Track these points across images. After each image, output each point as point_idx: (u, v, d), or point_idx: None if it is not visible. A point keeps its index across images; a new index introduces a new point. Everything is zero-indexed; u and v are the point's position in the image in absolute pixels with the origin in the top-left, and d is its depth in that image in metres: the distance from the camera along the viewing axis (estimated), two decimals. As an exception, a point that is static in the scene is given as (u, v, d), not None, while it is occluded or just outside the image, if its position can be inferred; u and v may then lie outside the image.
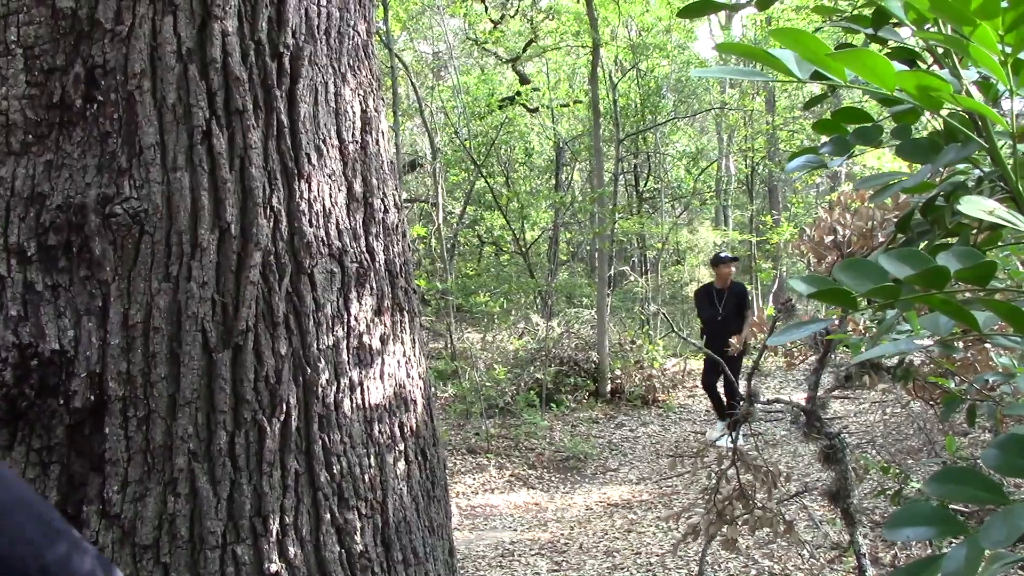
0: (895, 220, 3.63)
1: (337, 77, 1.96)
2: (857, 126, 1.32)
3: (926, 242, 1.23)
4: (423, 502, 2.00)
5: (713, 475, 3.78)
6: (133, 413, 1.61)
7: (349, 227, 1.91)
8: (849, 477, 3.40)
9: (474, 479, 8.76)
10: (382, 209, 2.02)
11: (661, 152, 20.79)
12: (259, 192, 1.74)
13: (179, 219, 1.67)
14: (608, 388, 12.06)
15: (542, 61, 19.44)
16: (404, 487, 1.93)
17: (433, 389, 2.31)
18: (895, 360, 3.29)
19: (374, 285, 1.95)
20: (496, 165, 18.08)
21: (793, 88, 20.13)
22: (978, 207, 0.81)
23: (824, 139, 1.42)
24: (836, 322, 3.27)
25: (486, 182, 16.80)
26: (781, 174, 21.50)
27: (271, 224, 1.75)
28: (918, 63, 1.31)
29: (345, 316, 1.85)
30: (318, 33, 1.91)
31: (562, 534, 6.93)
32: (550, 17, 17.31)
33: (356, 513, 1.79)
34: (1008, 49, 0.82)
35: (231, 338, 1.66)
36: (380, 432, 1.89)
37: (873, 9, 1.10)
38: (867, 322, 3.44)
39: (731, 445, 8.78)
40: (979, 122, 1.01)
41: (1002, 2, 0.80)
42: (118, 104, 1.64)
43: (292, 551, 1.68)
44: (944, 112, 1.02)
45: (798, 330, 0.87)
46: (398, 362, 2.00)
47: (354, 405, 1.84)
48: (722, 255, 10.41)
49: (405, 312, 2.07)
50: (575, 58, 19.05)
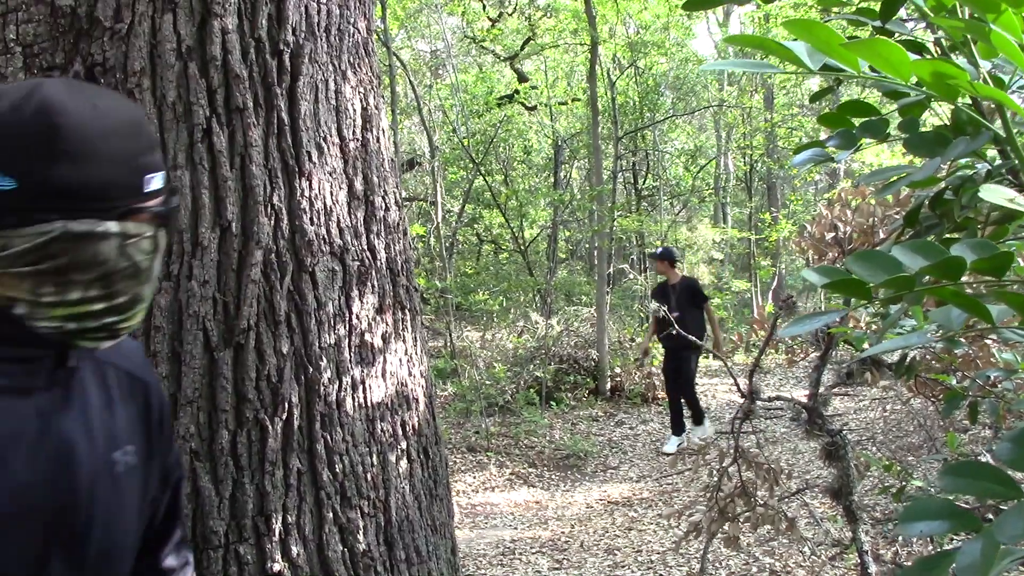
0: (896, 216, 3.63)
1: (337, 74, 1.95)
2: (864, 119, 1.31)
3: (933, 236, 1.22)
4: (426, 501, 1.99)
5: (715, 473, 3.77)
6: (134, 412, 1.60)
7: (350, 225, 1.90)
8: (851, 474, 3.40)
9: (474, 477, 8.75)
10: (383, 207, 2.02)
11: (660, 150, 20.81)
12: (260, 190, 1.73)
13: (179, 217, 1.66)
14: (608, 386, 12.06)
15: (540, 59, 19.43)
16: (406, 486, 1.92)
17: (434, 387, 2.31)
18: (896, 356, 3.29)
19: (375, 283, 1.94)
20: (495, 163, 18.09)
21: (792, 85, 20.14)
22: (999, 195, 0.81)
23: (824, 133, 1.41)
24: (847, 313, 3.27)
25: (485, 180, 16.81)
26: (780, 171, 21.52)
27: (272, 222, 1.74)
28: (925, 56, 1.30)
29: (347, 314, 1.85)
30: (318, 30, 1.91)
31: (563, 532, 6.92)
32: (548, 15, 17.31)
33: (359, 512, 1.78)
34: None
35: (233, 337, 1.65)
36: (382, 431, 1.88)
37: (881, 1, 1.10)
38: (867, 318, 3.44)
39: (675, 449, 8.78)
40: (995, 113, 1.00)
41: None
42: (118, 102, 1.63)
43: (295, 550, 1.67)
44: (952, 105, 1.02)
45: (810, 321, 0.86)
46: (400, 360, 2.00)
47: (356, 403, 1.83)
48: (655, 251, 10.43)
49: (406, 310, 2.07)
50: (573, 56, 19.05)
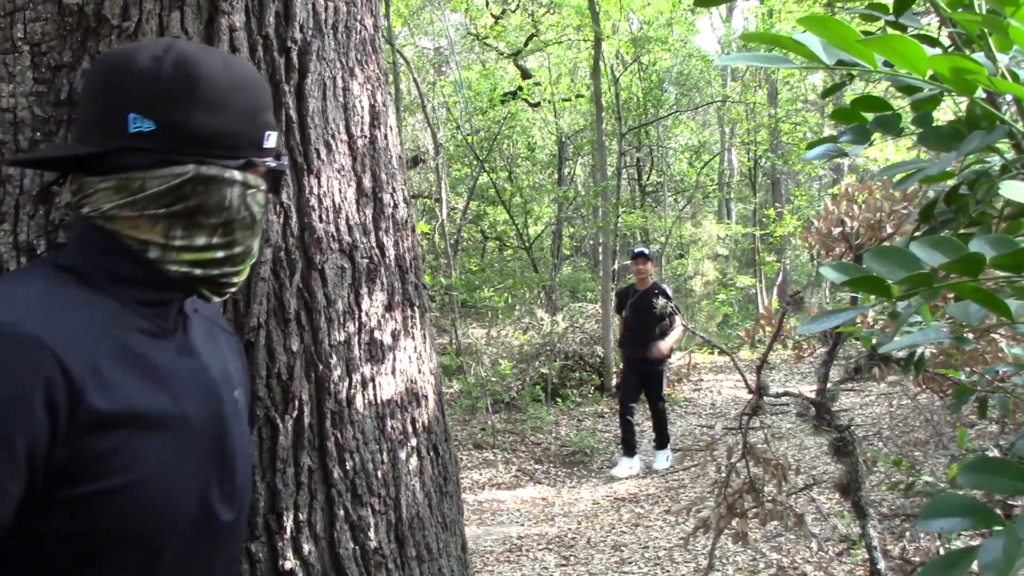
0: (904, 211, 3.62)
1: (345, 72, 1.95)
2: (877, 114, 1.31)
3: (949, 231, 1.21)
4: (436, 498, 1.99)
5: (722, 469, 3.77)
6: (145, 411, 1.60)
7: (359, 222, 1.90)
8: (860, 470, 3.39)
9: (480, 474, 8.77)
10: (391, 204, 2.01)
11: (663, 146, 20.79)
12: (269, 188, 1.73)
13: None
14: (613, 382, 12.05)
15: (544, 55, 19.42)
16: (417, 483, 1.92)
17: (442, 385, 2.31)
18: (905, 352, 3.28)
19: (384, 280, 1.94)
20: (499, 160, 18.07)
21: (796, 80, 20.11)
22: (1020, 192, 0.80)
23: (829, 128, 1.40)
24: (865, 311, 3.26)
25: (489, 177, 16.80)
26: (784, 167, 21.49)
27: (281, 220, 1.74)
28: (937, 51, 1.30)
29: (356, 312, 1.84)
30: (325, 28, 1.90)
31: (569, 528, 6.93)
32: (551, 11, 17.29)
33: (370, 509, 1.78)
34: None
35: (243, 335, 1.65)
36: (392, 428, 1.88)
37: (895, -5, 1.09)
38: (874, 314, 3.43)
39: (626, 474, 8.24)
40: (1015, 106, 1.00)
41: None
42: (126, 100, 1.62)
43: (307, 548, 1.67)
44: (969, 99, 1.01)
45: (828, 319, 0.86)
46: (409, 357, 1.99)
47: (366, 401, 1.83)
48: (635, 250, 9.18)
49: (415, 307, 2.06)
50: (576, 52, 19.03)
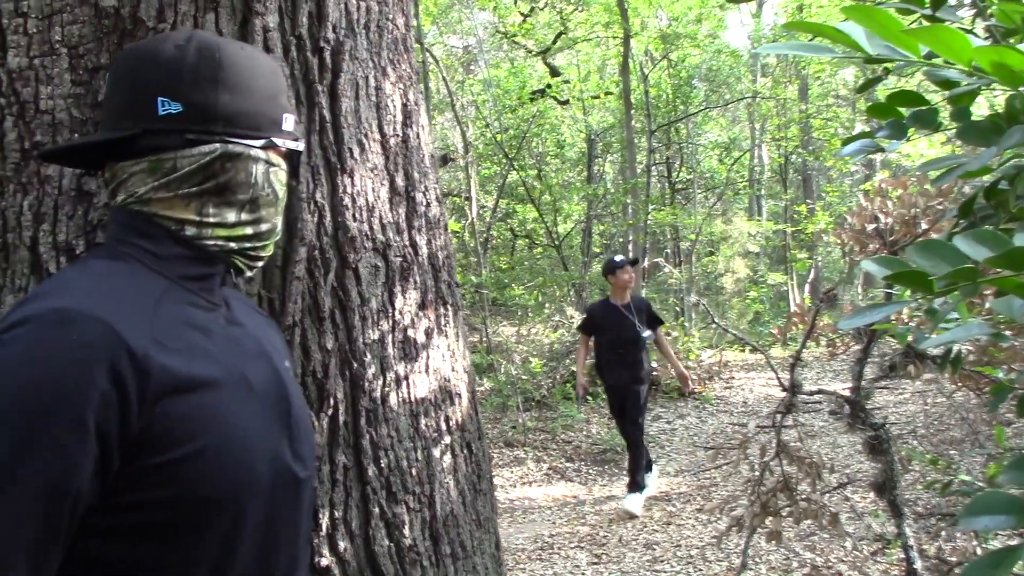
0: (939, 207, 3.58)
1: (377, 71, 1.95)
2: (913, 109, 1.29)
3: (988, 227, 1.20)
4: (470, 496, 2.00)
5: (755, 467, 3.75)
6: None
7: (392, 221, 1.90)
8: (895, 468, 3.36)
9: (512, 472, 8.77)
10: (424, 203, 2.02)
11: (693, 143, 20.69)
12: (303, 187, 1.74)
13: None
14: (644, 381, 12.00)
15: (572, 53, 19.39)
16: (451, 481, 1.93)
17: (475, 383, 2.31)
18: (941, 349, 3.25)
19: (418, 279, 1.95)
20: (528, 158, 18.07)
21: (827, 76, 19.94)
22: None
23: (861, 123, 1.39)
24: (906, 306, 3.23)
25: (518, 175, 16.80)
26: (815, 163, 21.33)
27: (315, 219, 1.75)
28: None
29: (390, 310, 1.85)
30: (358, 27, 1.91)
31: (601, 527, 6.92)
32: (580, 8, 17.26)
33: (404, 507, 1.79)
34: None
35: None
36: (426, 426, 1.88)
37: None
38: (908, 311, 3.40)
39: (641, 510, 7.07)
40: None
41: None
42: (162, 102, 1.64)
43: (342, 545, 1.68)
44: (1006, 93, 1.00)
45: (869, 314, 0.85)
46: (442, 356, 2.00)
47: (400, 399, 1.83)
48: (618, 258, 7.76)
49: (448, 305, 2.07)
50: (605, 49, 19.00)
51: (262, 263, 1.39)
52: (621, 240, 17.97)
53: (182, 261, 1.25)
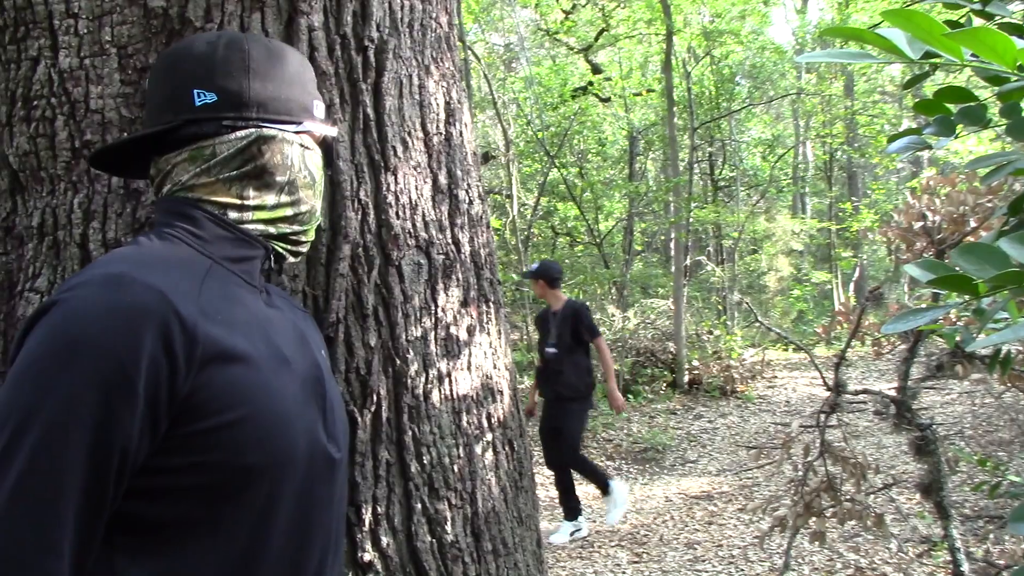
0: (988, 204, 3.52)
1: (421, 69, 1.96)
2: (961, 106, 1.27)
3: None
4: (511, 493, 2.00)
5: (799, 467, 3.71)
6: (228, 405, 1.63)
7: (435, 219, 1.91)
8: (942, 469, 3.32)
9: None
10: (467, 200, 2.02)
11: (736, 140, 20.52)
12: (347, 185, 1.75)
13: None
14: (686, 379, 11.96)
15: (614, 50, 19.32)
16: (492, 478, 1.93)
17: (517, 380, 2.31)
18: (990, 349, 3.19)
19: (460, 276, 1.95)
20: (569, 156, 18.03)
21: (873, 72, 19.67)
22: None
23: (908, 119, 1.37)
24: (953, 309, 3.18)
25: (559, 173, 16.77)
26: (861, 160, 21.05)
27: (359, 217, 1.76)
28: (1026, 38, 1.26)
29: (432, 307, 1.86)
30: (401, 26, 1.92)
31: (642, 525, 6.90)
32: (622, 5, 17.18)
33: (446, 503, 1.79)
34: None
35: (322, 330, 1.68)
36: (468, 423, 1.89)
37: (983, -17, 1.06)
38: (956, 311, 3.34)
39: (568, 539, 6.62)
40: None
41: None
42: (209, 101, 1.66)
43: (385, 541, 1.69)
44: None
45: (916, 317, 0.84)
46: (484, 353, 2.00)
47: (443, 396, 1.84)
48: (529, 269, 7.42)
49: (491, 303, 2.07)
50: (647, 46, 18.89)
51: (304, 249, 1.45)
52: (663, 238, 17.90)
53: (224, 243, 1.31)
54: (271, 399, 1.22)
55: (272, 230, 1.36)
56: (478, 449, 1.90)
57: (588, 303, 14.81)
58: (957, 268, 0.79)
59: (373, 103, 1.82)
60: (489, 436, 1.95)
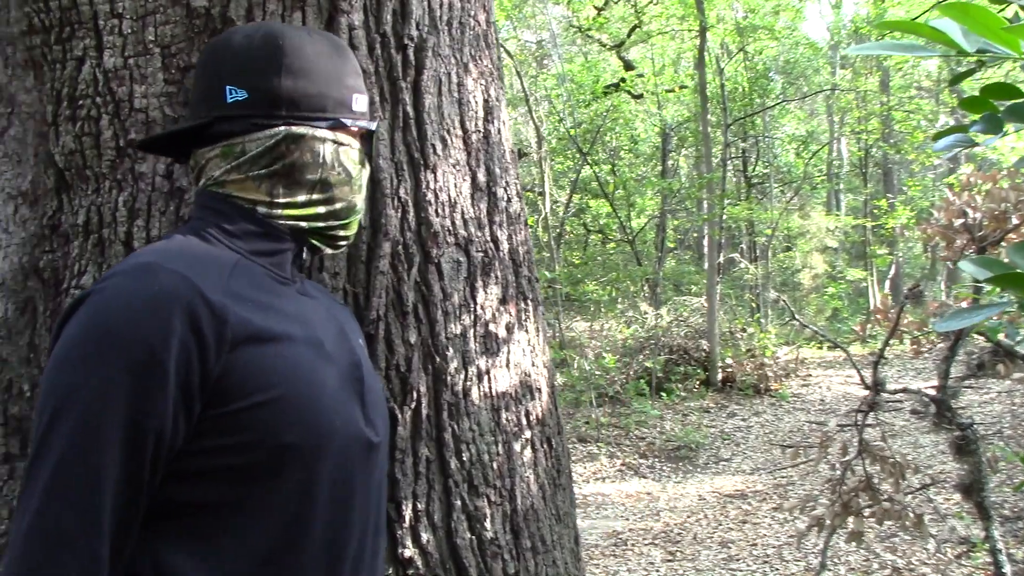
0: (1031, 201, 3.47)
1: (459, 67, 1.96)
2: (1009, 103, 1.25)
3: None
4: (549, 490, 2.00)
5: (836, 467, 3.68)
6: (269, 401, 1.65)
7: (474, 216, 1.91)
8: (983, 470, 3.27)
9: (585, 468, 8.76)
10: (505, 198, 2.02)
11: (770, 136, 20.36)
12: (387, 183, 1.75)
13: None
14: (719, 377, 11.90)
15: (647, 47, 19.24)
16: (531, 475, 1.93)
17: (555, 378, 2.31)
18: (1033, 347, 3.15)
19: (499, 274, 1.95)
20: (601, 153, 17.98)
21: (910, 67, 19.45)
22: None
23: (944, 115, 1.35)
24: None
25: (592, 170, 16.74)
26: (896, 156, 20.82)
27: (399, 214, 1.77)
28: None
29: (472, 305, 1.86)
30: (440, 24, 1.92)
31: (675, 524, 6.87)
32: (655, 2, 17.11)
33: (486, 500, 1.80)
34: None
35: (363, 327, 1.68)
36: (507, 420, 1.89)
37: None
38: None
39: None
40: None
41: None
42: (251, 99, 1.67)
43: (425, 537, 1.70)
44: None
45: (970, 315, 0.83)
46: (523, 350, 2.00)
47: (482, 393, 1.84)
48: None
49: (529, 300, 2.07)
50: (680, 43, 18.79)
51: (345, 244, 1.46)
52: (696, 235, 17.82)
53: (252, 237, 1.32)
54: (306, 380, 1.23)
55: (303, 225, 1.36)
56: (517, 446, 1.90)
57: (620, 300, 14.77)
58: (1016, 265, 0.78)
59: (413, 101, 1.83)
60: (528, 433, 1.95)
